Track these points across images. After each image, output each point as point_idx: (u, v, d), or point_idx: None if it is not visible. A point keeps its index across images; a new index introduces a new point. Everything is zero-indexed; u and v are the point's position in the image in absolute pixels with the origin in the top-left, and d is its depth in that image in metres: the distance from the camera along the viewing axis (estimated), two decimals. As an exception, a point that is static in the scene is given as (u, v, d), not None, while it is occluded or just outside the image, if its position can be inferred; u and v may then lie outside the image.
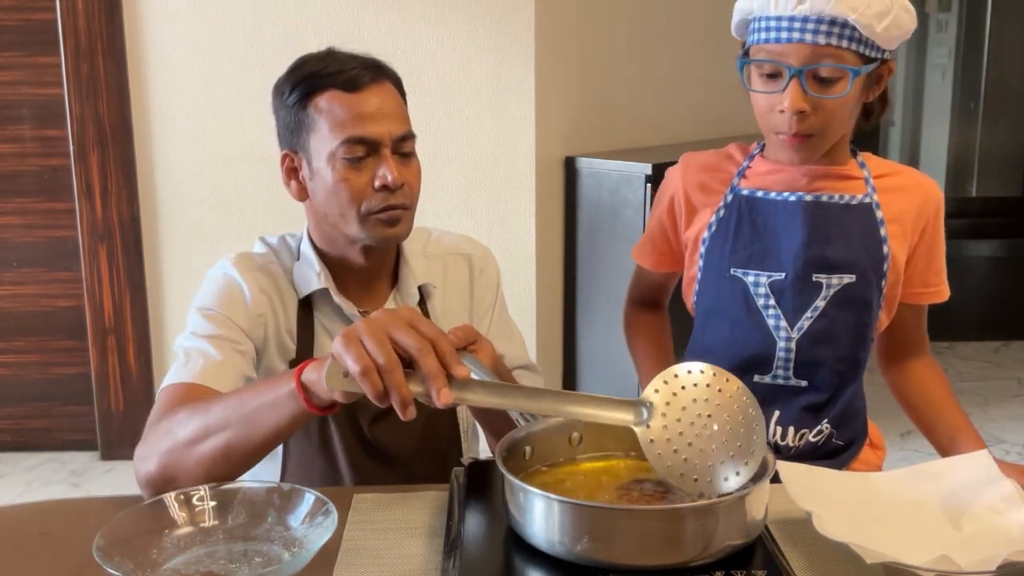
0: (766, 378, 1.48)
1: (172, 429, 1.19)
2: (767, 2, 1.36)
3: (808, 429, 1.48)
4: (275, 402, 1.13)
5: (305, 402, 1.10)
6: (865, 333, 1.49)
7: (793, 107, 1.36)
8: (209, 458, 1.16)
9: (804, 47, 1.34)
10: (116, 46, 3.03)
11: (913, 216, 1.48)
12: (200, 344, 1.34)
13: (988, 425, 3.45)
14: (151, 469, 1.18)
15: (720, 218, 1.49)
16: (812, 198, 1.45)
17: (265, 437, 1.15)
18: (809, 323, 1.45)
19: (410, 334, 1.02)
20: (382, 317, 1.05)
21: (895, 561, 0.96)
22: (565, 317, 3.36)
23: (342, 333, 1.03)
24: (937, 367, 1.59)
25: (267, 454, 1.20)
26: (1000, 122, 4.68)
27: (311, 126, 1.37)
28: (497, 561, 1.00)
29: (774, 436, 1.48)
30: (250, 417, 1.14)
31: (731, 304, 1.48)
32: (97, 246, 3.15)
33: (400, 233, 1.40)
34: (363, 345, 1.02)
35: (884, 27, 1.34)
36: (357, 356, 1.01)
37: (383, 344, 1.01)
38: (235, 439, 1.15)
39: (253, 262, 1.44)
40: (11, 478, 3.17)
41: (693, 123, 3.63)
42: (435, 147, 3.07)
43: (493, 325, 1.55)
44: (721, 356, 1.49)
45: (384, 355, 1.01)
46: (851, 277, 1.45)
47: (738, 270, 1.47)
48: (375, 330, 1.02)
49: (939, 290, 1.54)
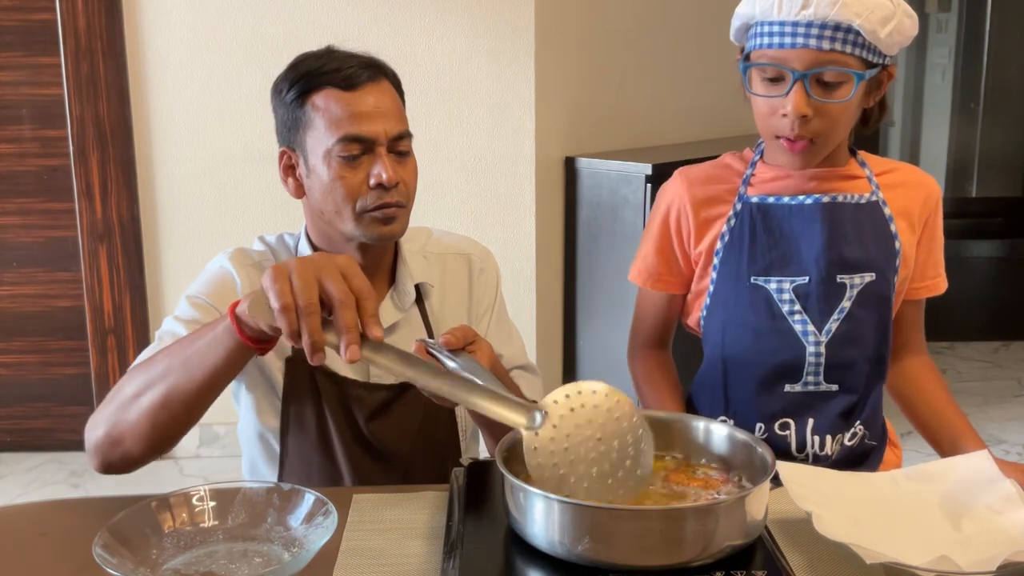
0: (797, 387, 1.46)
1: (119, 389, 1.20)
2: (770, 7, 1.35)
3: (843, 433, 1.47)
4: (212, 340, 1.12)
5: (239, 333, 1.09)
6: (887, 330, 1.49)
7: (796, 111, 1.35)
8: (150, 409, 1.16)
9: (808, 52, 1.34)
10: (116, 46, 3.03)
11: (918, 211, 1.49)
12: (177, 328, 1.35)
13: (988, 425, 3.45)
14: (98, 434, 1.20)
15: (732, 228, 1.48)
16: (829, 199, 1.45)
17: (205, 378, 1.15)
18: (836, 325, 1.44)
19: (338, 284, 1.01)
20: (318, 260, 1.03)
21: (895, 561, 0.96)
22: (565, 317, 3.36)
23: (273, 266, 1.03)
24: (934, 367, 1.59)
25: (210, 401, 1.19)
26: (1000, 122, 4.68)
27: (308, 124, 1.37)
28: (497, 561, 1.00)
29: (812, 447, 1.46)
30: (188, 359, 1.14)
31: (753, 314, 1.46)
32: (97, 246, 3.15)
33: (395, 231, 1.40)
34: (289, 282, 1.01)
35: (887, 32, 1.34)
36: (280, 292, 1.00)
37: (309, 287, 1.00)
38: (174, 384, 1.15)
39: (249, 258, 1.45)
40: (11, 478, 3.17)
41: (693, 123, 3.63)
42: (435, 147, 3.07)
43: (492, 325, 1.55)
44: (747, 367, 1.47)
45: (305, 298, 1.00)
46: (871, 275, 1.44)
47: (759, 278, 1.45)
48: (304, 271, 1.01)
49: (937, 283, 1.54)
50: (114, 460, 1.21)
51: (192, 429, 1.22)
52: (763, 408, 1.47)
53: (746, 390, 1.48)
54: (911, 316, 1.56)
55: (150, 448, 1.19)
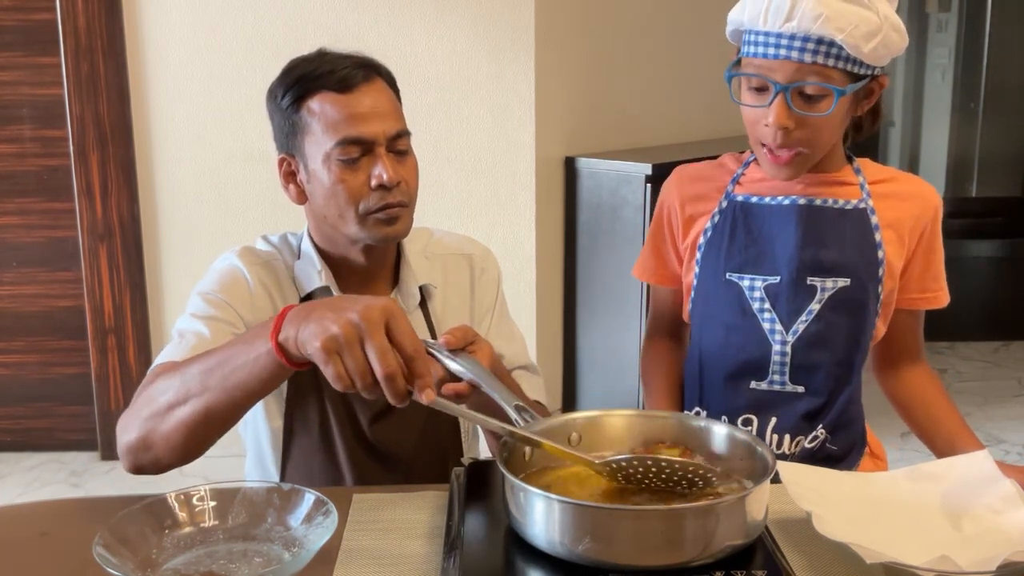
0: (763, 384, 1.48)
1: (152, 397, 1.19)
2: (756, 16, 1.36)
3: (803, 436, 1.48)
4: (253, 363, 1.11)
5: (285, 361, 1.09)
6: (860, 338, 1.48)
7: (777, 123, 1.36)
8: (188, 422, 1.16)
9: (790, 64, 1.34)
10: (116, 46, 3.03)
11: (910, 224, 1.48)
12: (195, 325, 1.34)
13: (988, 425, 3.45)
14: (131, 438, 1.19)
15: (715, 224, 1.50)
16: (806, 201, 1.46)
17: (246, 397, 1.15)
18: (804, 326, 1.45)
19: (382, 357, 1.02)
20: (363, 318, 1.02)
21: (895, 561, 0.96)
22: (565, 317, 3.36)
23: (321, 341, 1.02)
24: (933, 374, 1.59)
25: (247, 412, 1.20)
26: (1000, 122, 4.68)
27: (305, 129, 1.37)
28: (497, 561, 1.00)
29: (770, 443, 1.48)
30: (228, 378, 1.13)
31: (726, 309, 1.48)
32: (97, 246, 3.15)
33: (399, 231, 1.40)
34: (341, 361, 1.02)
35: (872, 47, 1.33)
36: (337, 377, 1.02)
37: (359, 363, 1.02)
38: (214, 402, 1.14)
39: (257, 256, 1.45)
40: (11, 478, 3.17)
41: (693, 123, 3.63)
42: (435, 147, 3.07)
43: (493, 325, 1.55)
44: (717, 362, 1.50)
45: (361, 381, 1.03)
46: (846, 281, 1.45)
47: (733, 274, 1.48)
48: (350, 342, 1.02)
49: (938, 296, 1.53)
50: (145, 464, 1.21)
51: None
52: (729, 402, 1.50)
53: (716, 383, 1.51)
54: (909, 325, 1.56)
55: (182, 457, 1.19)
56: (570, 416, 1.16)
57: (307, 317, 1.05)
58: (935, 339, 1.62)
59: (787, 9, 1.32)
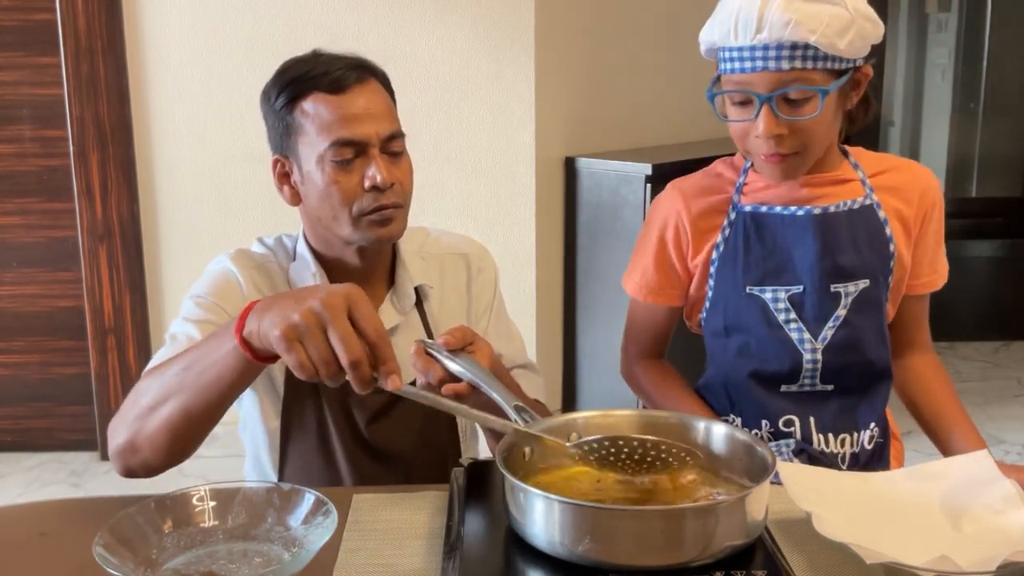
0: (793, 387, 1.48)
1: (136, 399, 1.20)
2: (726, 33, 1.35)
3: (847, 433, 1.48)
4: (223, 359, 1.12)
5: (250, 355, 1.09)
6: (883, 332, 1.49)
7: (767, 132, 1.36)
8: (170, 423, 1.16)
9: (769, 74, 1.33)
10: (116, 46, 3.03)
11: (914, 210, 1.49)
12: (186, 328, 1.35)
13: (988, 425, 3.45)
14: (119, 441, 1.19)
15: (727, 237, 1.48)
16: (820, 210, 1.45)
17: (219, 395, 1.15)
18: (832, 333, 1.45)
19: (346, 342, 1.01)
20: (325, 303, 1.02)
21: (895, 561, 0.96)
22: (565, 317, 3.36)
23: (282, 325, 1.02)
24: (940, 365, 1.59)
25: (225, 411, 1.19)
26: (1000, 122, 4.67)
27: (298, 130, 1.37)
28: (497, 561, 1.00)
29: (818, 444, 1.47)
30: (201, 377, 1.14)
31: (751, 321, 1.47)
32: (97, 246, 3.15)
33: (394, 232, 1.40)
34: (303, 348, 1.03)
35: (848, 41, 1.32)
36: (299, 366, 1.03)
37: (321, 350, 1.02)
38: (191, 401, 1.15)
39: (251, 259, 1.45)
40: (11, 478, 3.17)
41: (693, 123, 3.62)
42: (435, 147, 3.07)
43: (491, 324, 1.55)
44: (742, 372, 1.49)
45: (325, 370, 1.03)
46: (866, 282, 1.45)
47: (754, 288, 1.46)
48: (311, 328, 1.02)
49: (938, 276, 1.54)
50: (135, 466, 1.21)
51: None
52: (764, 408, 1.48)
53: (744, 393, 1.49)
54: (915, 312, 1.56)
55: (168, 458, 1.20)
56: (570, 416, 1.16)
57: (269, 308, 1.06)
58: (935, 339, 1.61)
59: (755, 21, 1.31)
